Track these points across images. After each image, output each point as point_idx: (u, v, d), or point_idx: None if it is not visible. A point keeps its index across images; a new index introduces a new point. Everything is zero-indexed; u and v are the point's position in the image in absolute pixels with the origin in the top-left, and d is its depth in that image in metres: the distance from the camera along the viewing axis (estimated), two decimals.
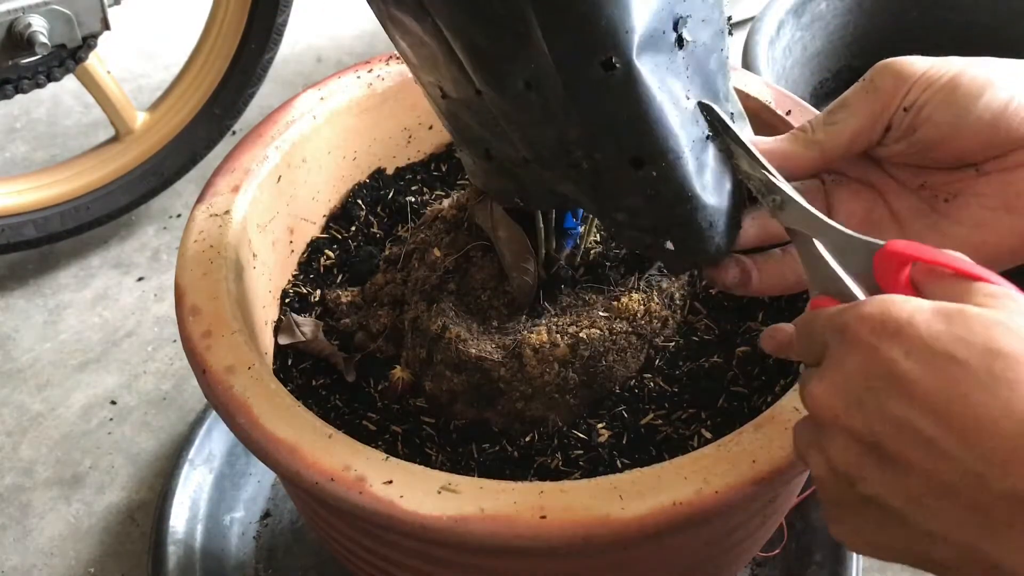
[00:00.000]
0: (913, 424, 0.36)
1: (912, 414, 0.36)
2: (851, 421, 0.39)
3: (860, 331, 0.39)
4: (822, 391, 0.40)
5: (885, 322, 0.38)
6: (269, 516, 0.98)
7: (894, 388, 0.37)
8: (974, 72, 0.47)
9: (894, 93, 0.49)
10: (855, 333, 0.39)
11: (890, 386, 0.37)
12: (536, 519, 0.51)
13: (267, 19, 1.26)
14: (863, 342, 0.38)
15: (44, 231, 1.23)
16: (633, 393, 0.66)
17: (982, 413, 0.35)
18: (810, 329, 0.43)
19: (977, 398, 0.35)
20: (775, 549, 0.91)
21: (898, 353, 0.37)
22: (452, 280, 0.68)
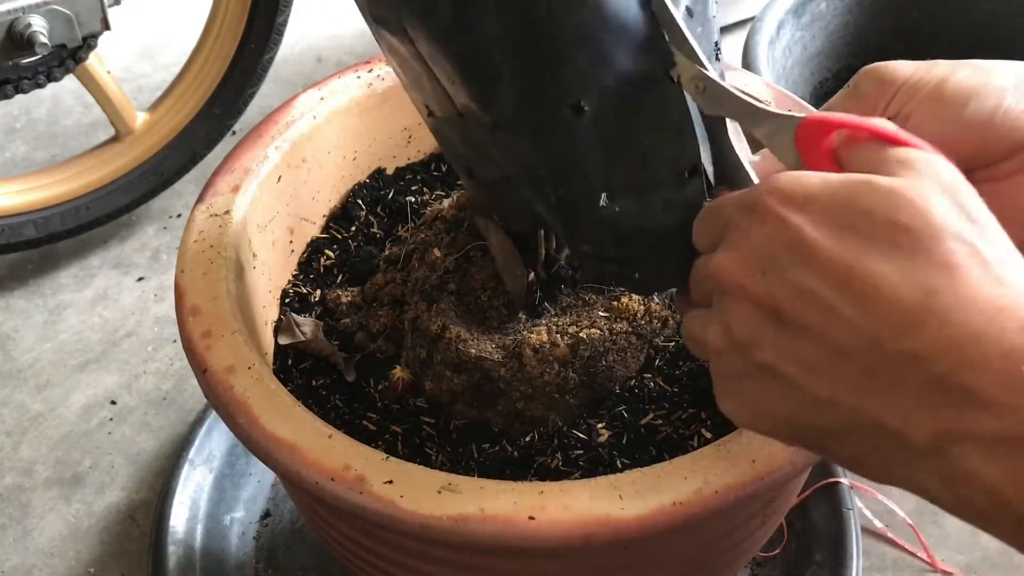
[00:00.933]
0: (813, 290, 0.37)
1: (813, 281, 0.37)
2: (754, 288, 0.39)
3: (769, 202, 0.39)
4: (727, 261, 0.41)
5: (794, 193, 0.39)
6: (269, 516, 0.98)
7: (798, 256, 0.38)
8: (958, 79, 0.46)
9: (877, 99, 0.48)
10: (764, 204, 0.40)
11: (794, 254, 0.38)
12: (536, 519, 0.51)
13: (267, 19, 1.26)
14: (771, 212, 0.39)
15: (44, 231, 1.23)
16: (633, 393, 0.66)
17: (881, 280, 0.36)
18: (716, 212, 0.44)
19: (877, 267, 0.36)
20: (775, 549, 0.91)
21: (804, 223, 0.38)
22: (452, 280, 0.68)
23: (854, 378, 0.37)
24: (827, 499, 0.93)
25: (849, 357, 0.37)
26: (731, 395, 0.42)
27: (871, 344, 0.36)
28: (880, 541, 0.97)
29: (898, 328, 0.36)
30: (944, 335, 0.35)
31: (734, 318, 0.41)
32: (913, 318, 0.35)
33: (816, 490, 0.93)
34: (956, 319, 0.35)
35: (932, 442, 0.35)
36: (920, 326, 0.35)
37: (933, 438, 0.35)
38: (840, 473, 0.94)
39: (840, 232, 0.37)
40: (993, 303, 0.35)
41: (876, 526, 0.97)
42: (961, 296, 0.35)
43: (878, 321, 0.36)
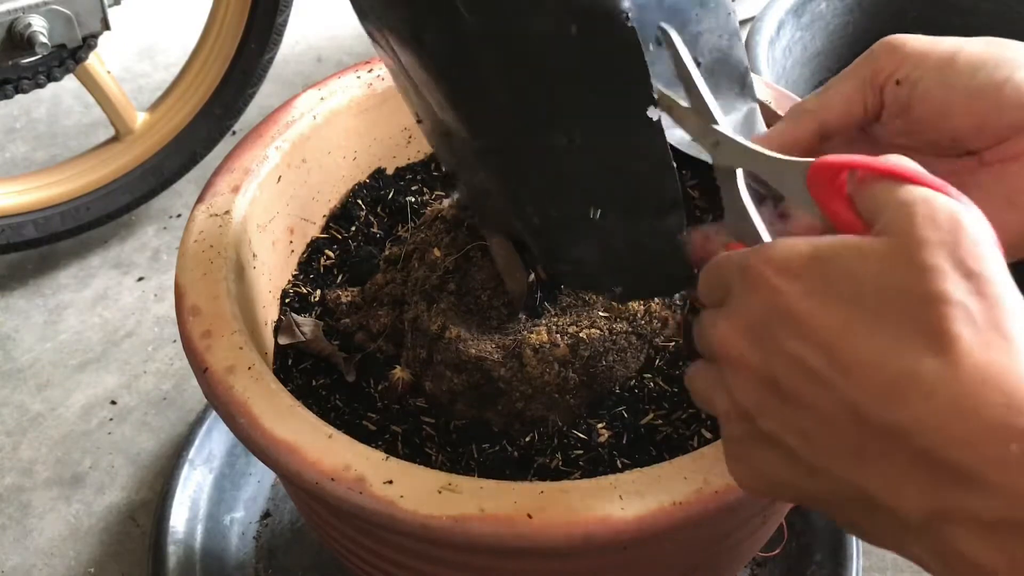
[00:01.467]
0: (805, 360, 0.37)
1: (804, 350, 0.37)
2: (752, 358, 0.39)
3: (764, 272, 0.39)
4: (727, 330, 0.41)
5: (786, 262, 0.39)
6: (269, 516, 0.98)
7: (790, 326, 0.38)
8: (971, 50, 0.46)
9: (887, 60, 0.48)
10: (759, 274, 0.39)
11: (787, 324, 0.38)
12: (536, 519, 0.51)
13: (267, 19, 1.26)
14: (765, 283, 0.39)
15: (44, 231, 1.23)
16: (633, 393, 0.66)
17: (866, 350, 0.36)
18: (717, 271, 0.44)
19: (863, 336, 0.36)
20: (775, 549, 0.91)
21: (795, 293, 0.38)
22: (452, 280, 0.68)
23: (844, 449, 0.37)
24: None
25: (838, 428, 0.37)
26: (739, 459, 0.42)
27: (857, 416, 0.36)
28: None
29: (882, 400, 0.35)
30: (926, 409, 0.34)
31: (736, 387, 0.41)
32: (897, 390, 0.35)
33: None
34: (940, 392, 0.34)
35: (924, 519, 0.35)
36: (904, 399, 0.34)
37: (924, 515, 0.35)
38: None
39: (830, 302, 0.37)
40: (980, 374, 0.33)
41: None
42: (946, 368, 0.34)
43: (863, 393, 0.35)
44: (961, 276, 0.35)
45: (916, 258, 0.35)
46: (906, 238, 0.36)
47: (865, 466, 0.36)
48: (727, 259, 0.43)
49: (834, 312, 0.37)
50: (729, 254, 0.43)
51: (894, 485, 0.35)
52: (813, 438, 0.38)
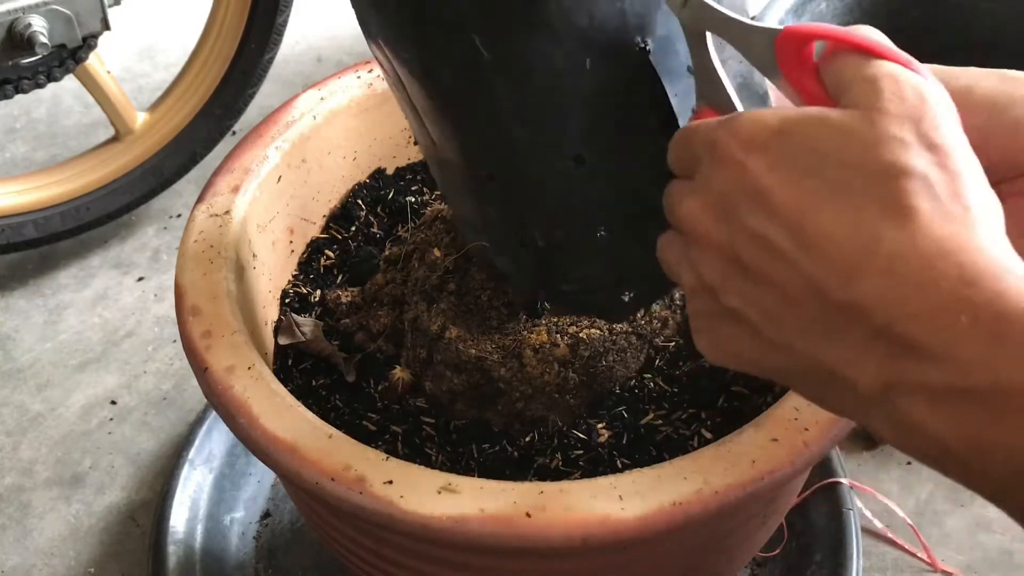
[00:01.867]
0: (769, 237, 0.37)
1: (768, 227, 0.37)
2: (718, 235, 0.39)
3: (729, 146, 0.39)
4: (694, 206, 0.41)
5: (752, 136, 0.38)
6: (269, 516, 0.98)
7: (755, 202, 0.38)
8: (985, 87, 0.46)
9: None
10: (724, 148, 0.39)
11: (752, 200, 0.38)
12: (536, 519, 0.51)
13: (267, 19, 1.26)
14: (731, 158, 0.39)
15: (44, 231, 1.23)
16: (633, 393, 0.66)
17: (829, 227, 0.35)
18: (686, 142, 0.43)
19: (826, 212, 0.36)
20: (775, 549, 0.91)
21: (760, 168, 0.38)
22: (452, 280, 0.68)
23: (805, 325, 0.37)
24: (827, 499, 0.93)
25: (800, 304, 0.37)
26: (703, 333, 0.43)
27: (818, 292, 0.36)
28: (880, 541, 0.97)
29: (841, 277, 0.35)
30: (884, 285, 0.34)
31: (702, 262, 0.41)
32: (855, 267, 0.35)
33: (816, 490, 0.93)
34: (898, 268, 0.34)
35: (879, 391, 0.35)
36: (862, 275, 0.35)
37: (880, 387, 0.35)
38: (840, 473, 0.94)
39: (794, 176, 0.37)
40: (937, 247, 0.34)
41: (876, 526, 0.97)
42: (905, 242, 0.34)
43: (824, 269, 0.36)
44: (924, 148, 0.35)
45: (880, 130, 0.35)
46: (871, 111, 0.36)
47: (825, 341, 0.36)
48: (695, 129, 0.43)
49: (797, 186, 0.37)
50: (698, 123, 0.43)
51: (853, 359, 0.36)
52: (775, 314, 0.38)
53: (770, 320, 0.38)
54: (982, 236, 0.34)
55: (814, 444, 0.55)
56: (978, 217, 0.35)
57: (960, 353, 0.33)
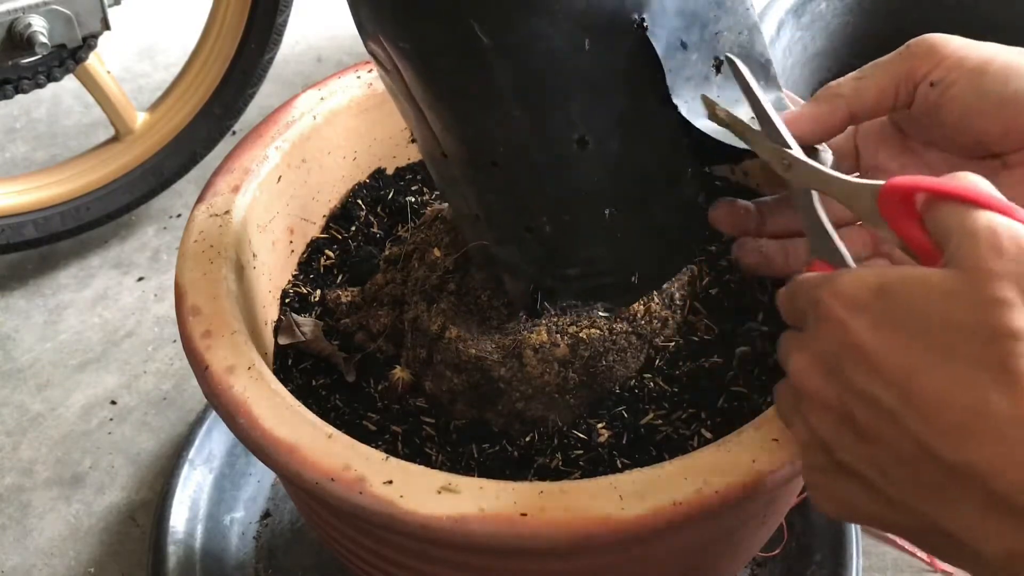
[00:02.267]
0: (877, 397, 0.37)
1: (876, 387, 0.37)
2: (826, 393, 0.40)
3: (833, 306, 0.40)
4: (803, 363, 0.41)
5: (855, 297, 0.39)
6: (269, 516, 0.98)
7: (861, 362, 0.38)
8: (1006, 58, 0.47)
9: (924, 60, 0.49)
10: (828, 308, 0.40)
11: (857, 360, 0.38)
12: (536, 519, 0.51)
13: (267, 19, 1.26)
14: (834, 317, 0.39)
15: (44, 231, 1.23)
16: (633, 393, 0.66)
17: (935, 387, 0.35)
18: (793, 296, 0.44)
19: (934, 373, 0.36)
20: (775, 549, 0.91)
21: (863, 328, 0.38)
22: (452, 280, 0.68)
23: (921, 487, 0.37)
24: None
25: (914, 466, 0.37)
26: (820, 488, 0.43)
27: (931, 455, 0.36)
28: (880, 541, 0.97)
29: (953, 440, 0.35)
30: (997, 452, 0.34)
31: (812, 418, 0.41)
32: (967, 430, 0.34)
33: None
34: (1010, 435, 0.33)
35: (1004, 560, 0.35)
36: (974, 439, 0.34)
37: (1005, 555, 0.35)
38: None
39: (898, 337, 0.37)
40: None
41: None
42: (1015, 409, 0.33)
43: (934, 431, 0.35)
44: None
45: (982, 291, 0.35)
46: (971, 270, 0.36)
47: (942, 505, 0.36)
48: (801, 283, 0.43)
49: (903, 348, 0.36)
50: (805, 277, 0.44)
51: (972, 525, 0.35)
52: (890, 474, 0.38)
53: (886, 478, 0.38)
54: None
55: None
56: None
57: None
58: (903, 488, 0.38)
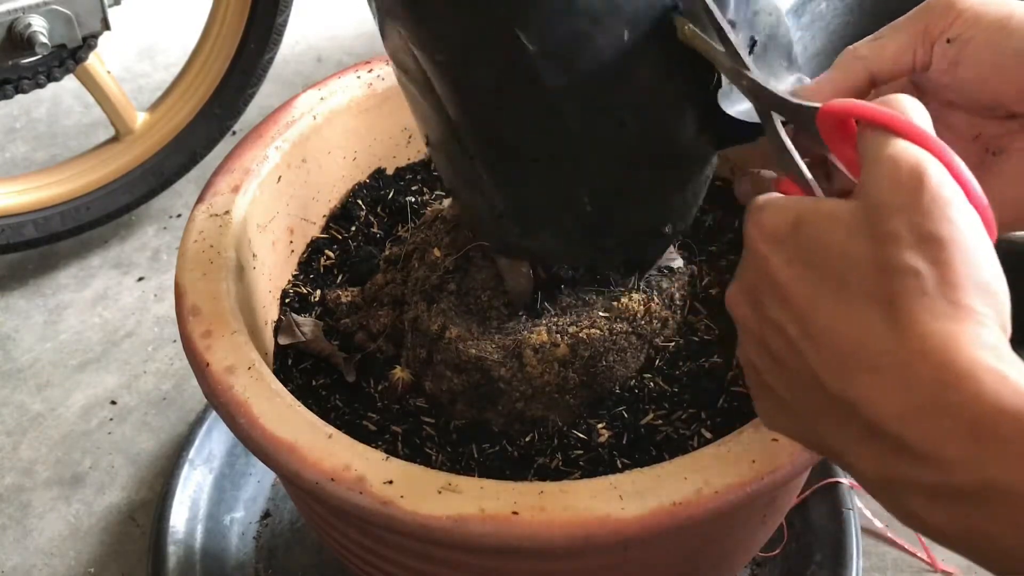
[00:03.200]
0: (784, 326, 0.40)
1: (784, 318, 0.40)
2: (751, 322, 0.42)
3: (755, 240, 0.41)
4: (734, 292, 0.44)
5: (774, 231, 0.40)
6: (269, 516, 0.98)
7: (775, 294, 0.40)
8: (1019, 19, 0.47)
9: (941, 17, 0.49)
10: (752, 242, 0.42)
11: (772, 292, 0.40)
12: (536, 519, 0.51)
13: (267, 19, 1.26)
14: (757, 251, 0.41)
15: (44, 231, 1.23)
16: (633, 393, 0.66)
17: (829, 320, 0.37)
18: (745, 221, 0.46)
19: (828, 305, 0.37)
20: (775, 549, 0.91)
21: (779, 262, 0.40)
22: (452, 280, 0.68)
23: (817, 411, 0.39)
24: (827, 499, 0.93)
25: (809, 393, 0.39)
26: (756, 401, 0.45)
27: (820, 385, 0.38)
28: (880, 541, 0.97)
29: (836, 373, 0.37)
30: (872, 383, 0.35)
31: (744, 342, 0.44)
32: (847, 364, 0.36)
33: (816, 490, 0.93)
34: (884, 366, 0.35)
35: (880, 482, 0.37)
36: (853, 371, 0.36)
37: (880, 480, 0.37)
38: (840, 473, 0.94)
39: (804, 269, 0.39)
40: (920, 346, 0.35)
41: (876, 526, 0.97)
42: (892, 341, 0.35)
43: (823, 363, 0.38)
44: (916, 241, 0.35)
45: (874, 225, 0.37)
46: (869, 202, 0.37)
47: (834, 429, 0.39)
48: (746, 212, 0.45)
49: (807, 281, 0.38)
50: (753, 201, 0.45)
51: (855, 450, 0.38)
52: (796, 397, 0.40)
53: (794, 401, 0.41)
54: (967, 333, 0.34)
55: None
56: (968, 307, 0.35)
57: (946, 454, 0.34)
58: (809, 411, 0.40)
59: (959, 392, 0.34)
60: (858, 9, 1.32)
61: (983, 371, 0.34)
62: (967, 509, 0.34)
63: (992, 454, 0.33)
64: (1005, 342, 0.35)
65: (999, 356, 0.34)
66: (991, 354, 0.34)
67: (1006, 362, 0.34)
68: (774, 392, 0.42)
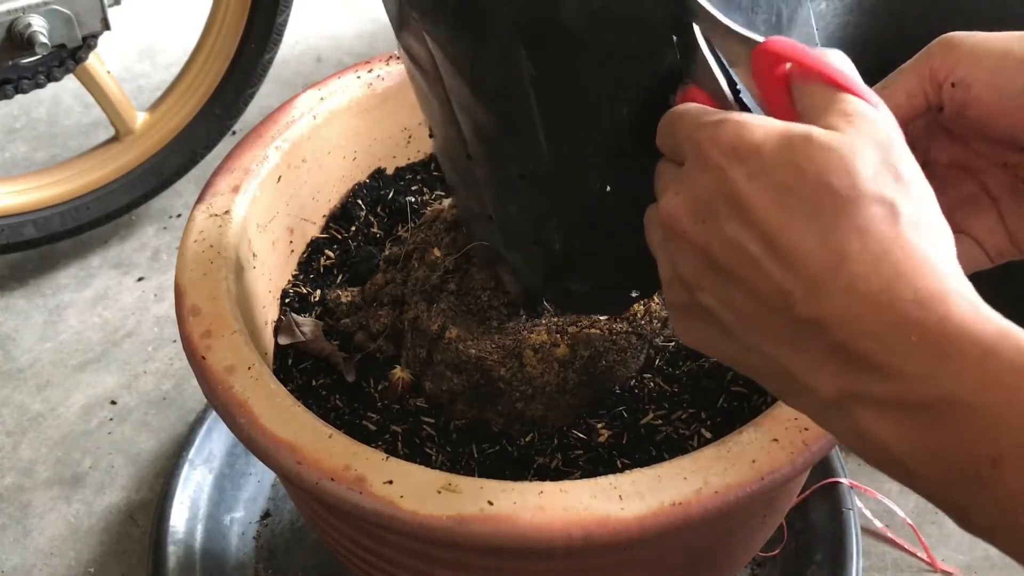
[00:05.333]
0: (744, 245, 0.39)
1: (744, 236, 0.39)
2: (695, 236, 0.41)
3: (712, 153, 0.40)
4: (675, 204, 0.42)
5: (736, 147, 0.40)
6: (269, 516, 0.98)
7: (733, 209, 0.39)
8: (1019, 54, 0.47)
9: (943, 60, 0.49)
10: (707, 154, 0.41)
11: (730, 207, 0.39)
12: (536, 519, 0.51)
13: (267, 19, 1.26)
14: (713, 164, 0.40)
15: (44, 231, 1.23)
16: (633, 393, 0.66)
17: (801, 241, 0.37)
18: (672, 128, 0.45)
19: (799, 228, 0.37)
20: (775, 549, 0.91)
21: (741, 177, 0.39)
22: (452, 280, 0.68)
23: (772, 331, 0.39)
24: (827, 499, 0.93)
25: (768, 312, 0.39)
26: (680, 320, 0.45)
27: (786, 304, 0.38)
28: (880, 541, 0.97)
29: (808, 293, 0.37)
30: (845, 303, 0.36)
31: (679, 258, 0.42)
32: (821, 284, 0.37)
33: (816, 490, 0.93)
34: (858, 287, 0.36)
35: (835, 399, 0.37)
36: (825, 291, 0.37)
37: (836, 396, 0.37)
38: (840, 473, 0.94)
39: (773, 189, 0.38)
40: (895, 270, 0.36)
41: (876, 526, 0.97)
42: (868, 263, 0.36)
43: (793, 283, 0.38)
44: (892, 177, 0.38)
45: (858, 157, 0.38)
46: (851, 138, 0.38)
47: (790, 349, 0.39)
48: (683, 117, 0.44)
49: (775, 199, 0.38)
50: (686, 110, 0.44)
51: (813, 368, 0.38)
52: (745, 317, 0.40)
53: (740, 321, 0.40)
54: (936, 259, 0.37)
55: (814, 444, 0.55)
56: (935, 242, 0.37)
57: (908, 369, 0.35)
58: (755, 331, 0.40)
59: (930, 313, 0.35)
60: (858, 9, 1.32)
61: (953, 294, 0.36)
62: (917, 421, 0.35)
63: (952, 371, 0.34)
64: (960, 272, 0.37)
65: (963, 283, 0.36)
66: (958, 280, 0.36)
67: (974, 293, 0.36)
68: (710, 312, 0.41)
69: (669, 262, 0.44)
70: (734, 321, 0.41)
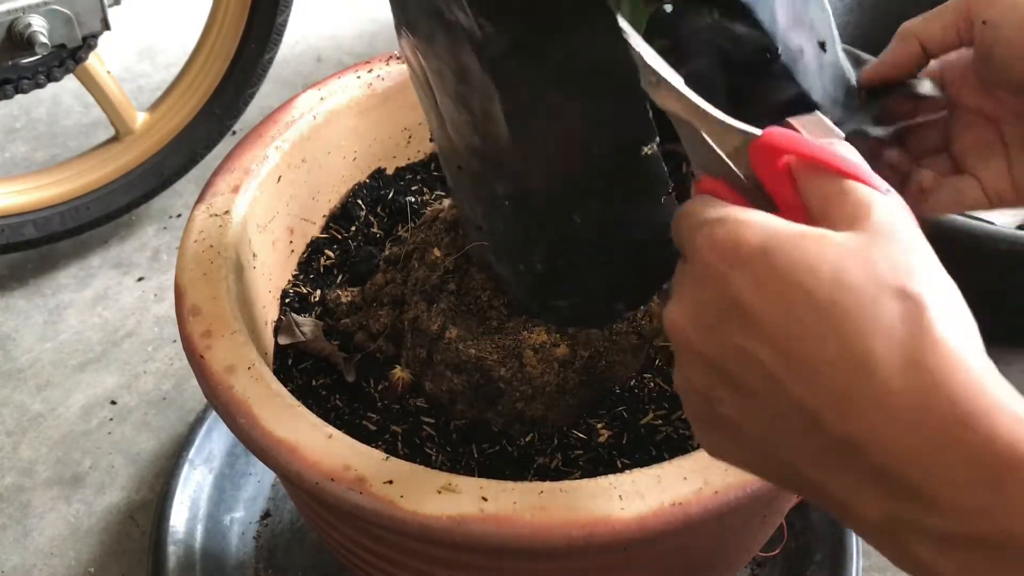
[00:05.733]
0: (756, 355, 0.35)
1: (754, 345, 0.35)
2: (702, 347, 0.38)
3: (711, 258, 0.37)
4: (677, 313, 0.39)
5: (736, 249, 0.36)
6: (269, 516, 0.98)
7: (741, 319, 0.36)
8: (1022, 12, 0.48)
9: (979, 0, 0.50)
10: (706, 259, 0.37)
11: (737, 317, 0.36)
12: (536, 519, 0.51)
13: (267, 19, 1.26)
14: (714, 270, 0.37)
15: (44, 231, 1.23)
16: (633, 393, 0.66)
17: (820, 351, 0.34)
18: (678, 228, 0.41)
19: (817, 339, 0.34)
20: (775, 549, 0.91)
21: (746, 283, 0.36)
22: (452, 280, 0.68)
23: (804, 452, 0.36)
24: None
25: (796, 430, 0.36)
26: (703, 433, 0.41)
27: (814, 422, 0.35)
28: None
29: (836, 411, 0.34)
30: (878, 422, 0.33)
31: (692, 371, 0.39)
32: (847, 400, 0.34)
33: None
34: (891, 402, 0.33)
35: (882, 524, 0.34)
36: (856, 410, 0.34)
37: (885, 522, 0.34)
38: None
39: (780, 293, 0.35)
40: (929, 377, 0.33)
41: None
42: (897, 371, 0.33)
43: (815, 400, 0.34)
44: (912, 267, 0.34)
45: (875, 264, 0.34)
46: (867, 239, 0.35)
47: (824, 469, 0.35)
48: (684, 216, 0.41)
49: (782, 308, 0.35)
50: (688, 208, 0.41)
51: (856, 492, 0.35)
52: (771, 435, 0.37)
53: (764, 434, 0.37)
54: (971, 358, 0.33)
55: None
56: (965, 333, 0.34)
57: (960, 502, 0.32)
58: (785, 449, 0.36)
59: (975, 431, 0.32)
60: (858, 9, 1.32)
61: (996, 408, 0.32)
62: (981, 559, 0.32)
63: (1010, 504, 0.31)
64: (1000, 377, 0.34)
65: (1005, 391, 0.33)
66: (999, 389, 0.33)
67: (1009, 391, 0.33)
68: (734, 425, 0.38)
69: (682, 374, 0.40)
70: (756, 432, 0.37)
